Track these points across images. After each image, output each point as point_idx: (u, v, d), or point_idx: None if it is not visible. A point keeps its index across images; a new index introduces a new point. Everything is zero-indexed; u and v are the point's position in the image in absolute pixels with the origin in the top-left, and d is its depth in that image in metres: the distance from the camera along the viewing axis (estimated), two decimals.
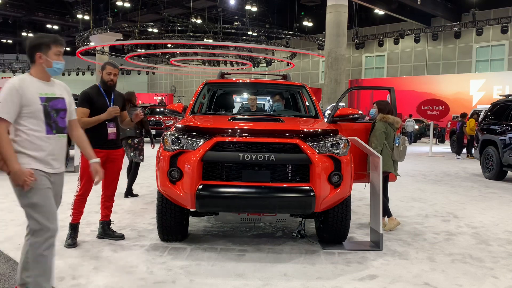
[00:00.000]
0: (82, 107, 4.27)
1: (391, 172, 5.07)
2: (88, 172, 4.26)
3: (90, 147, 3.27)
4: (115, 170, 4.48)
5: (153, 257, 3.99)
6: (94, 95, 4.34)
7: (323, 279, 3.58)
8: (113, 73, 4.38)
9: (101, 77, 4.41)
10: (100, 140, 4.29)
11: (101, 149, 4.27)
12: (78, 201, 4.33)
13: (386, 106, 5.20)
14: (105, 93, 4.40)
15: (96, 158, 3.23)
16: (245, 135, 4.00)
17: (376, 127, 5.03)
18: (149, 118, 18.98)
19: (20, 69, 42.91)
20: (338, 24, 18.30)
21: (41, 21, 33.97)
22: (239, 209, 3.97)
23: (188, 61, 38.36)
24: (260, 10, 28.73)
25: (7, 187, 7.33)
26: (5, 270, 3.64)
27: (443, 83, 24.40)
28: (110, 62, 4.48)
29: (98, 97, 4.35)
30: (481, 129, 10.33)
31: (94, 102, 4.31)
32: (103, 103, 4.35)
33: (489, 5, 24.56)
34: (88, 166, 4.23)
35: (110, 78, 4.37)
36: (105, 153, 4.31)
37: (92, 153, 3.23)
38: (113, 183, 4.52)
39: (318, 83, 32.59)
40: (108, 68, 4.37)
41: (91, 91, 4.38)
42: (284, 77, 7.02)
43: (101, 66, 4.48)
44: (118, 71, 4.47)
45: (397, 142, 5.04)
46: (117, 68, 4.44)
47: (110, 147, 4.38)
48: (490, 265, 4.02)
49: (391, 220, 5.14)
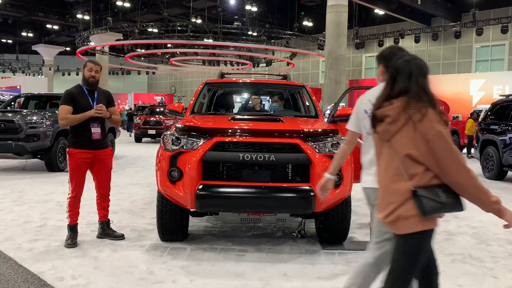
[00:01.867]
0: (65, 105, 4.25)
1: None
2: (77, 174, 4.25)
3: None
4: (105, 169, 4.45)
5: (153, 257, 3.99)
6: (76, 95, 4.30)
7: (323, 279, 3.58)
8: (94, 70, 4.33)
9: (83, 75, 4.36)
10: (84, 140, 4.26)
11: (87, 149, 4.26)
12: (72, 203, 4.30)
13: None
14: (88, 92, 4.35)
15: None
16: (245, 135, 4.00)
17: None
18: (149, 118, 18.99)
19: (20, 69, 42.91)
20: (338, 24, 18.28)
21: (41, 21, 33.93)
22: (239, 209, 3.98)
23: (188, 61, 38.33)
24: (260, 10, 28.70)
25: (7, 187, 7.36)
26: (5, 270, 3.64)
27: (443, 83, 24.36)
28: (91, 59, 4.47)
29: (81, 96, 4.31)
30: (481, 129, 10.33)
31: (77, 101, 4.27)
32: (86, 102, 4.31)
33: (489, 5, 24.53)
34: (76, 167, 4.23)
35: (91, 75, 4.31)
36: (92, 153, 4.29)
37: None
38: (105, 183, 4.49)
39: (318, 83, 32.57)
40: (89, 65, 4.33)
41: (74, 91, 4.35)
42: (284, 77, 7.03)
43: (82, 65, 4.44)
44: (100, 68, 4.42)
45: None
46: (98, 65, 4.38)
47: (96, 147, 4.33)
48: (490, 265, 4.02)
49: None
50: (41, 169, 9.47)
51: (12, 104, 11.39)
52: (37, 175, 8.79)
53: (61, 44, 40.30)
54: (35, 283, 3.40)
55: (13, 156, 9.06)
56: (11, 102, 11.43)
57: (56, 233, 4.72)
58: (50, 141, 8.88)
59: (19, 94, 13.04)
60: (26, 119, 8.71)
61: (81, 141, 4.26)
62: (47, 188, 7.36)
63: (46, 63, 39.67)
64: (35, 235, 4.64)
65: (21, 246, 4.27)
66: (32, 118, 8.79)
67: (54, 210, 5.83)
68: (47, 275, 3.54)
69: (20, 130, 8.60)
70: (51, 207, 5.98)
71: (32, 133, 8.66)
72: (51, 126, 8.92)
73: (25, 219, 5.31)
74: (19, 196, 6.71)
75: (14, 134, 8.59)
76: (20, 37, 37.48)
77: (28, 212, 5.65)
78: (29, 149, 8.68)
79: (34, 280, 3.46)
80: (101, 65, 4.49)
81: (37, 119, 8.81)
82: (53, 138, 8.93)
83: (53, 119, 9.12)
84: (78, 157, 4.24)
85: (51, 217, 5.44)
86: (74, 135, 4.29)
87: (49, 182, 8.01)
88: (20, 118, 8.69)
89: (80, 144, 4.27)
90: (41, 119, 8.83)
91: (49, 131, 8.85)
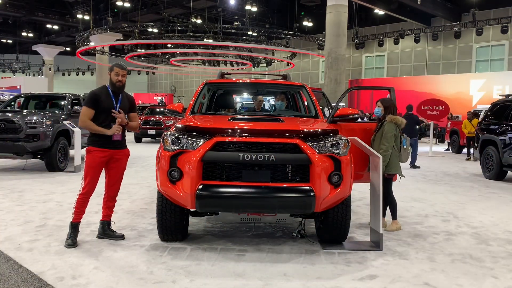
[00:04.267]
0: (88, 107, 4.34)
1: (398, 173, 5.05)
2: (92, 171, 4.29)
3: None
4: (119, 170, 4.51)
5: (153, 257, 3.99)
6: (101, 96, 4.39)
7: (323, 279, 3.58)
8: (121, 74, 4.41)
9: (110, 79, 4.45)
10: (105, 140, 4.34)
11: (105, 148, 4.34)
12: (81, 200, 4.33)
13: (391, 104, 5.16)
14: (113, 94, 4.44)
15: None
16: (245, 135, 4.00)
17: (387, 130, 4.96)
18: (149, 118, 18.99)
19: (20, 69, 42.92)
20: (338, 24, 18.30)
21: (41, 21, 33.96)
22: (239, 209, 3.98)
23: (188, 61, 38.35)
24: (260, 10, 28.71)
25: (7, 187, 7.36)
26: (5, 270, 3.64)
27: (443, 83, 24.38)
28: (118, 63, 4.51)
29: (106, 98, 4.40)
30: (481, 129, 10.33)
31: (100, 102, 4.35)
32: (110, 104, 4.39)
33: (489, 5, 24.54)
34: (93, 165, 4.28)
35: (118, 79, 4.40)
36: (109, 152, 4.37)
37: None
38: (116, 183, 4.54)
39: (318, 83, 32.56)
40: (116, 69, 4.41)
41: (99, 92, 4.43)
42: (284, 77, 7.03)
43: (109, 68, 4.51)
44: (126, 72, 4.50)
45: (404, 143, 4.99)
46: (125, 69, 4.46)
47: (115, 147, 4.42)
48: (490, 265, 4.03)
49: (394, 223, 5.13)
50: (41, 169, 9.47)
51: (12, 104, 11.39)
52: (37, 175, 8.79)
53: (61, 44, 40.33)
54: (35, 283, 3.40)
55: (13, 156, 9.06)
56: (11, 102, 11.43)
57: (56, 233, 4.72)
58: (50, 141, 8.88)
59: (19, 94, 13.04)
60: (26, 119, 8.71)
61: (101, 140, 4.34)
62: (47, 188, 7.36)
63: (46, 63, 39.70)
64: (35, 235, 4.64)
65: (21, 246, 4.27)
66: (32, 118, 8.79)
67: (54, 210, 5.83)
68: (47, 275, 3.55)
69: (20, 130, 8.60)
70: (51, 207, 5.98)
71: (32, 133, 8.66)
72: (51, 126, 8.92)
73: (25, 219, 5.31)
74: (19, 196, 6.72)
75: (14, 134, 8.59)
76: (20, 37, 37.49)
77: (28, 212, 5.66)
78: (29, 149, 8.68)
79: (34, 280, 3.46)
80: (127, 68, 4.55)
81: (37, 119, 8.81)
82: (53, 138, 8.93)
83: (53, 119, 9.12)
84: (96, 155, 4.31)
85: (51, 217, 5.44)
86: (95, 134, 4.37)
87: (49, 182, 8.01)
88: (20, 118, 8.69)
89: (100, 143, 4.34)
90: (41, 119, 8.83)
91: (49, 131, 8.85)
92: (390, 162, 4.95)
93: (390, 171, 4.97)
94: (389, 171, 4.96)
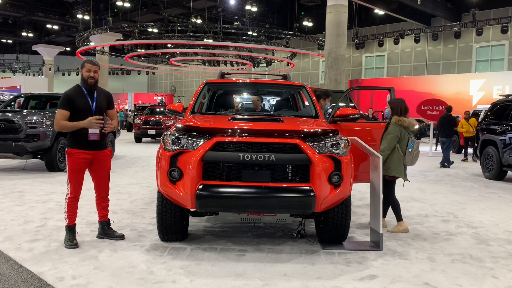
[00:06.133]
0: (62, 109, 4.21)
1: (401, 177, 4.97)
2: (76, 174, 4.23)
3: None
4: (104, 171, 4.44)
5: (153, 257, 3.99)
6: (75, 96, 4.25)
7: (323, 279, 3.58)
8: (93, 70, 4.26)
9: (81, 76, 4.31)
10: (81, 141, 4.22)
11: (86, 150, 4.24)
12: (70, 203, 4.28)
13: (398, 105, 4.97)
14: (88, 92, 4.29)
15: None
16: (245, 135, 4.00)
17: (389, 131, 4.87)
18: (149, 118, 19.00)
19: (20, 69, 42.91)
20: (338, 24, 18.28)
21: (41, 21, 33.95)
22: (239, 209, 3.97)
23: (188, 61, 38.34)
24: (260, 10, 28.71)
25: (7, 187, 7.36)
26: (5, 270, 3.64)
27: (443, 83, 24.36)
28: (89, 59, 4.40)
29: (80, 97, 4.26)
30: (481, 129, 10.33)
31: (75, 103, 4.22)
32: (85, 103, 4.26)
33: (489, 5, 24.54)
34: (76, 167, 4.21)
35: (89, 75, 4.25)
36: (91, 154, 4.27)
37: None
38: (104, 183, 4.49)
39: (318, 83, 32.55)
40: (87, 65, 4.26)
41: (72, 92, 4.29)
42: (284, 77, 7.03)
43: (80, 65, 4.37)
44: (99, 68, 4.34)
45: (410, 147, 4.82)
46: (96, 65, 4.31)
47: (96, 148, 4.31)
48: (490, 265, 4.03)
49: (400, 225, 5.09)
50: (41, 169, 9.47)
51: (12, 104, 11.39)
52: (37, 175, 8.79)
53: (61, 44, 40.31)
54: (35, 283, 3.40)
55: (13, 156, 9.06)
56: (11, 102, 11.43)
57: (56, 233, 4.72)
58: (50, 141, 8.88)
59: (19, 94, 13.03)
60: (26, 119, 8.72)
61: (79, 141, 4.23)
62: (47, 188, 7.36)
63: (46, 63, 39.69)
64: (35, 235, 4.64)
65: (21, 246, 4.27)
66: (32, 118, 8.79)
67: (54, 210, 5.83)
68: (47, 275, 3.55)
69: (20, 130, 8.60)
70: (51, 207, 5.98)
71: (32, 133, 8.67)
72: (51, 126, 8.92)
73: (25, 219, 5.31)
74: (19, 196, 6.72)
75: (14, 134, 8.59)
76: (20, 37, 37.48)
77: (28, 212, 5.66)
78: (29, 149, 8.68)
79: (34, 280, 3.46)
80: (99, 64, 4.42)
81: (37, 119, 8.81)
82: (53, 138, 8.93)
83: (53, 119, 9.10)
84: (77, 157, 4.22)
85: (51, 217, 5.44)
86: (72, 135, 4.26)
87: (49, 182, 8.01)
88: (20, 118, 8.69)
89: (78, 144, 4.24)
90: (41, 119, 8.83)
91: (49, 131, 8.85)
92: (391, 164, 4.88)
93: (391, 174, 4.91)
94: (390, 173, 4.91)
